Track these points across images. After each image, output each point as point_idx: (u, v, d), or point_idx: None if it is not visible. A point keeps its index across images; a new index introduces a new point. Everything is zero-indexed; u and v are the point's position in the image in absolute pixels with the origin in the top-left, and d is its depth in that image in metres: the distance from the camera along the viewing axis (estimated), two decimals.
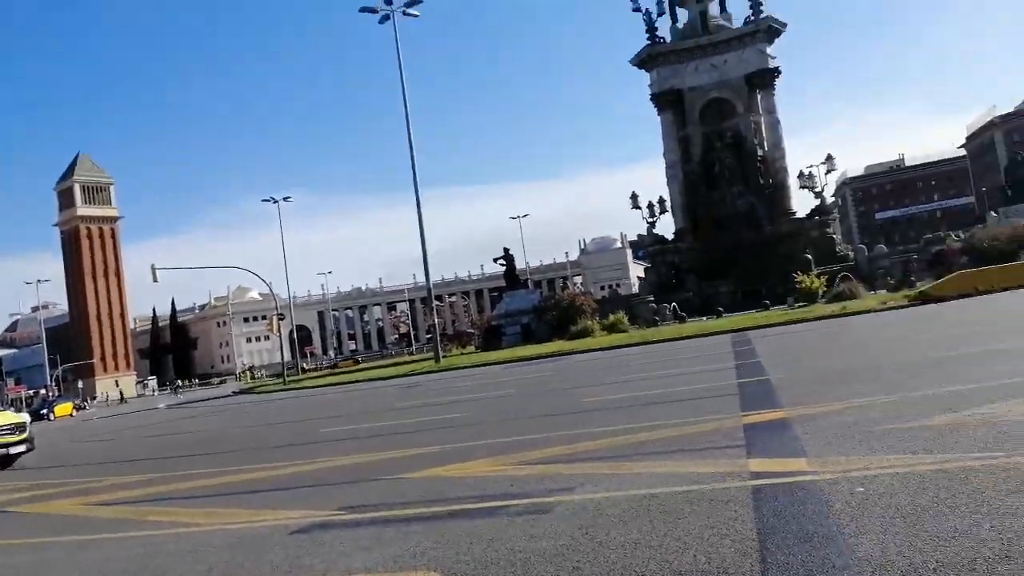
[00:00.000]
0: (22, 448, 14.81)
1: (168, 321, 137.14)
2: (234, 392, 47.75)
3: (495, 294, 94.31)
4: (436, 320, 45.09)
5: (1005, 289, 24.45)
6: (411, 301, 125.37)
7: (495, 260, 49.64)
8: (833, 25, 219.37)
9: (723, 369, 13.77)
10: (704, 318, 35.95)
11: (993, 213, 42.26)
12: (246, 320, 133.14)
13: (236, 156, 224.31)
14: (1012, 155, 53.29)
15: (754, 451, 6.34)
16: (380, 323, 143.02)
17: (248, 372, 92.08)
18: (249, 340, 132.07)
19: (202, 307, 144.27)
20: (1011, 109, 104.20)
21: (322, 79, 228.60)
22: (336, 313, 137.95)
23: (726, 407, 9.07)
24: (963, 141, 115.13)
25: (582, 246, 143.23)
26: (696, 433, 7.59)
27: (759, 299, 37.31)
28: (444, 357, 37.81)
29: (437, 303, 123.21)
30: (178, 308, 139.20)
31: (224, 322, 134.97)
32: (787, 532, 4.17)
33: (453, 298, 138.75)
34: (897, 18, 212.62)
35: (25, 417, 15.90)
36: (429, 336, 54.28)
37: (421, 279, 51.92)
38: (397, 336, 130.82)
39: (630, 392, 12.45)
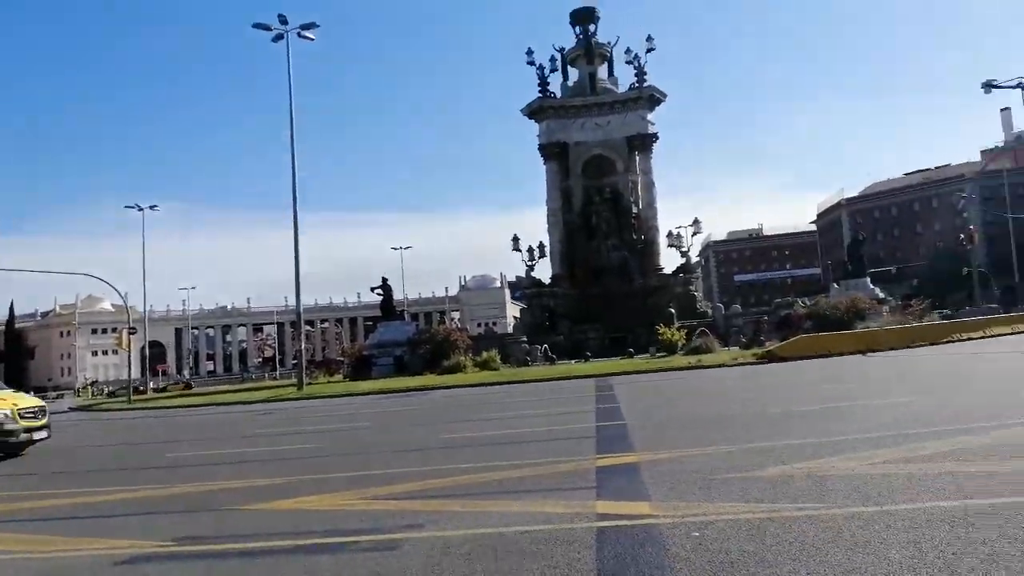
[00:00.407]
0: (44, 434, 14.22)
1: (3, 327, 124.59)
2: (70, 408, 43.73)
3: (369, 323, 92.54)
4: (303, 345, 43.52)
5: (840, 354, 26.68)
6: (280, 324, 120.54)
7: (372, 289, 48.75)
8: (709, 100, 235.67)
9: (584, 412, 14.09)
10: (573, 361, 36.86)
11: (836, 285, 46.13)
12: (95, 332, 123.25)
13: (102, 162, 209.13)
14: (854, 235, 58.76)
15: (603, 493, 6.50)
16: (244, 344, 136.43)
17: (90, 387, 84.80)
18: (96, 353, 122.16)
19: (45, 314, 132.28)
20: (856, 193, 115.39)
21: (205, 91, 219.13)
22: (196, 331, 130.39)
23: (583, 449, 9.28)
24: (815, 217, 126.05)
25: (462, 283, 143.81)
26: (551, 473, 7.70)
27: (625, 346, 38.77)
28: (309, 384, 36.46)
29: (307, 328, 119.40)
30: (17, 313, 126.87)
31: (69, 332, 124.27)
32: (624, 575, 4.28)
33: (325, 324, 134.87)
34: (763, 104, 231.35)
35: (43, 401, 15.46)
36: (295, 361, 52.26)
37: (292, 302, 49.95)
38: (261, 359, 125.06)
39: (493, 430, 12.48)
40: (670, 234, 50.69)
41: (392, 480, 8.04)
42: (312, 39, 35.86)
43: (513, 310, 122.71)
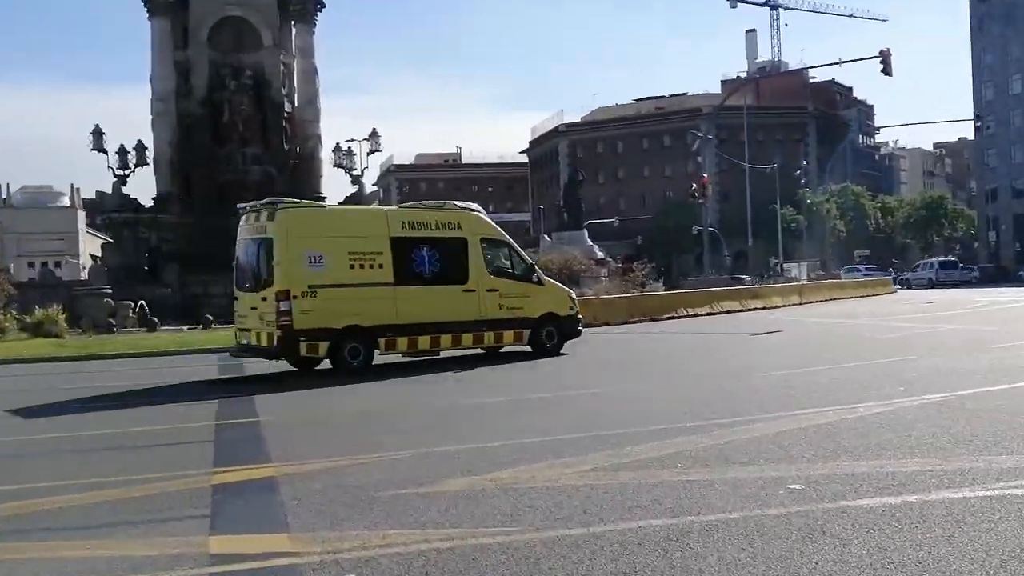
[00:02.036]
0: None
1: None
2: None
3: None
4: None
5: None
6: None
7: None
8: None
9: (199, 403, 13.84)
10: (185, 328, 35.63)
11: (548, 237, 50.33)
12: None
13: None
14: (572, 173, 64.22)
15: (220, 524, 6.41)
16: None
17: None
18: None
19: None
20: (578, 118, 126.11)
21: None
22: None
23: (194, 458, 9.07)
24: (527, 146, 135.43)
25: (4, 195, 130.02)
26: (144, 496, 7.40)
27: None
28: None
29: None
30: None
31: None
32: None
33: None
34: None
35: None
36: None
37: None
38: None
39: (57, 432, 11.63)
40: (338, 148, 50.88)
41: None
42: None
43: (92, 245, 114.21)
